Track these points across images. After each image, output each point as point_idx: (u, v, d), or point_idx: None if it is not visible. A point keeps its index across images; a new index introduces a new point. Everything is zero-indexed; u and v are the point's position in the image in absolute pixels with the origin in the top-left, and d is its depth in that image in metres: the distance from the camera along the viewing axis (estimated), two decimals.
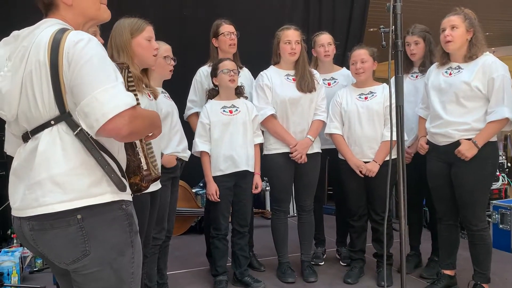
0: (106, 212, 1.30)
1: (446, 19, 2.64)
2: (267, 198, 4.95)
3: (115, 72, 1.25)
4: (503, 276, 3.09)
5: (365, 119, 2.94)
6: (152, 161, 1.60)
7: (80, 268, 1.29)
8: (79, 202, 1.25)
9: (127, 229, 1.34)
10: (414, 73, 3.17)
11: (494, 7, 6.68)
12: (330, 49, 3.30)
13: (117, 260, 1.31)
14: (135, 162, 1.42)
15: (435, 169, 2.77)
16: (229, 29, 3.12)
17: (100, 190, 1.29)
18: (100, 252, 1.28)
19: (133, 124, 1.21)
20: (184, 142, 2.69)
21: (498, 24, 7.73)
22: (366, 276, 3.13)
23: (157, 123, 1.42)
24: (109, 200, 1.30)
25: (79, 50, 1.22)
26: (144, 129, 1.32)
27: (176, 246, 3.66)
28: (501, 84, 2.53)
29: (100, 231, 1.28)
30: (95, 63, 1.22)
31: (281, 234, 3.13)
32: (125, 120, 1.19)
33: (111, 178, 1.30)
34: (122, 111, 1.19)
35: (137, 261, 1.37)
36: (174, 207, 2.73)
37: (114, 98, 1.19)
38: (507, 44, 9.45)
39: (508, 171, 4.61)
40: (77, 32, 1.27)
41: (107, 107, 1.18)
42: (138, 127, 1.25)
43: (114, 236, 1.31)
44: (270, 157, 3.07)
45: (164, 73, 2.58)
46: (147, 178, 1.44)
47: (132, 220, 1.36)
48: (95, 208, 1.27)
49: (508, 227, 3.71)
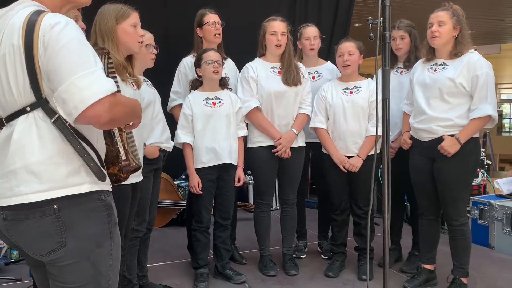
0: (84, 203, 1.25)
1: (434, 14, 2.64)
2: (250, 191, 4.93)
3: (95, 57, 1.20)
4: (480, 271, 3.14)
5: (350, 114, 2.94)
6: (132, 150, 1.56)
7: (55, 259, 1.25)
8: (56, 192, 1.21)
9: (106, 220, 1.30)
10: (399, 68, 3.17)
11: (476, 6, 6.76)
12: (316, 42, 3.28)
13: (95, 252, 1.27)
14: (113, 152, 1.38)
15: (418, 164, 2.78)
16: (214, 18, 3.07)
17: (78, 180, 1.24)
18: (77, 243, 1.24)
19: (113, 111, 1.17)
20: (167, 132, 2.64)
21: (479, 23, 7.84)
22: (347, 270, 3.14)
23: (137, 111, 1.38)
24: (88, 190, 1.25)
25: (56, 33, 1.16)
26: (124, 116, 1.29)
27: (157, 239, 3.62)
28: (485, 81, 2.54)
29: (77, 222, 1.24)
30: (73, 47, 1.17)
31: (263, 227, 3.11)
32: (105, 107, 1.15)
33: (90, 167, 1.25)
34: (102, 97, 1.14)
35: (115, 253, 1.33)
36: (156, 199, 2.69)
37: (94, 84, 1.15)
38: (488, 43, 9.61)
39: (487, 168, 4.69)
40: (53, 14, 1.21)
41: (86, 93, 1.14)
42: (118, 114, 1.21)
43: (92, 227, 1.26)
44: (254, 150, 3.04)
45: (145, 61, 2.53)
46: (126, 168, 1.40)
47: (111, 211, 1.32)
48: (73, 198, 1.23)
49: (486, 222, 3.77)
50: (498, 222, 3.67)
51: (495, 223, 3.69)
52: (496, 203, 3.70)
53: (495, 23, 8.19)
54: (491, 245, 3.72)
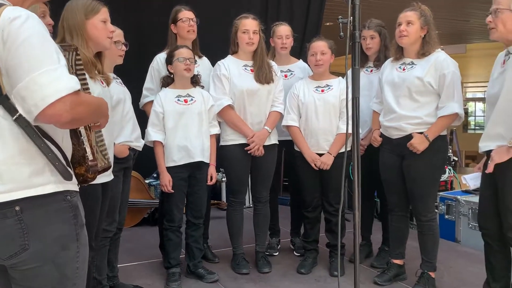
0: (49, 204, 1.21)
1: (403, 14, 2.69)
2: (223, 189, 4.92)
3: (58, 53, 1.16)
4: (448, 265, 3.23)
5: (321, 112, 2.96)
6: (102, 150, 1.52)
7: (18, 263, 1.20)
8: (18, 194, 1.16)
9: (72, 222, 1.26)
10: (369, 67, 3.22)
11: (443, 7, 6.94)
12: (288, 41, 3.29)
13: (60, 254, 1.23)
14: (79, 152, 1.33)
15: (387, 162, 2.83)
16: (188, 15, 3.06)
17: (42, 180, 1.20)
18: (41, 246, 1.20)
19: (75, 110, 1.13)
20: (137, 130, 2.60)
21: (446, 23, 8.05)
22: (319, 266, 3.18)
23: (103, 111, 1.34)
24: (52, 190, 1.21)
25: (16, 28, 1.11)
26: (87, 116, 1.24)
27: (128, 238, 3.57)
28: (451, 80, 2.61)
29: (41, 224, 1.19)
30: (34, 42, 1.12)
31: (236, 225, 3.11)
32: (66, 106, 1.10)
33: (55, 166, 1.21)
34: (63, 95, 1.10)
35: (82, 255, 1.29)
36: (126, 198, 2.65)
37: (55, 81, 1.10)
38: (454, 42, 9.88)
39: (454, 164, 4.82)
40: (14, 8, 1.16)
41: (47, 91, 1.09)
42: (80, 114, 1.17)
43: (57, 229, 1.22)
44: (226, 148, 3.03)
45: (114, 58, 2.49)
46: (93, 168, 1.36)
47: (77, 212, 1.28)
48: (36, 199, 1.19)
49: (453, 217, 3.88)
50: (464, 217, 3.78)
51: (461, 218, 3.80)
52: (462, 198, 3.81)
53: (461, 24, 8.43)
54: (457, 239, 3.83)
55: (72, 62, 1.39)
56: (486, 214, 2.43)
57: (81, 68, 1.46)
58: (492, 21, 2.23)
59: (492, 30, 2.25)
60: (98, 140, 1.55)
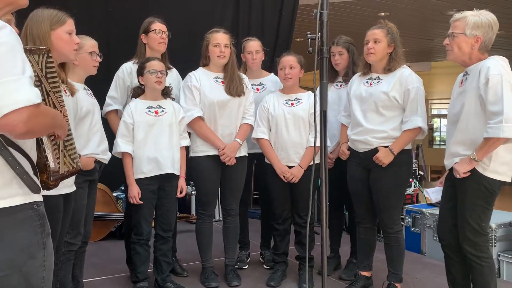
0: (16, 212, 1.19)
1: (370, 31, 2.77)
2: (192, 203, 4.87)
3: (24, 64, 1.14)
4: (413, 276, 3.30)
5: (291, 125, 3.00)
6: (71, 153, 1.50)
7: None
8: None
9: (39, 230, 1.24)
10: (338, 82, 3.29)
11: (409, 27, 7.20)
12: (258, 56, 3.33)
13: (27, 263, 1.20)
14: (41, 160, 1.32)
15: (355, 174, 2.89)
16: (161, 27, 3.06)
17: (10, 192, 1.18)
18: (8, 255, 1.17)
19: (31, 122, 1.12)
20: (105, 143, 2.56)
21: (412, 41, 8.34)
22: (289, 279, 3.18)
23: (59, 122, 1.33)
24: (20, 202, 1.19)
25: None
26: (43, 128, 1.23)
27: (94, 252, 3.48)
28: (415, 95, 2.70)
29: (8, 233, 1.17)
30: (1, 52, 1.11)
31: (205, 238, 3.09)
32: (22, 117, 1.09)
33: (23, 180, 1.19)
34: (20, 107, 1.09)
35: (48, 264, 1.27)
36: (91, 211, 2.59)
37: (14, 92, 1.09)
38: (419, 60, 10.22)
39: (420, 178, 4.95)
40: None
41: (4, 101, 1.08)
42: (36, 126, 1.16)
43: (24, 238, 1.20)
44: (196, 159, 3.02)
45: (88, 69, 2.48)
46: (55, 176, 1.35)
47: (44, 220, 1.26)
48: (3, 209, 1.17)
49: (418, 230, 3.98)
50: (429, 230, 3.88)
51: (426, 230, 3.90)
52: (427, 211, 3.91)
53: (426, 43, 8.75)
54: (423, 251, 3.92)
55: (42, 65, 1.37)
56: (445, 226, 2.51)
57: (53, 71, 1.43)
58: (448, 43, 2.36)
59: (448, 51, 2.40)
60: (67, 144, 1.53)
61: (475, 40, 2.29)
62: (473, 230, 2.33)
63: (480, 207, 2.33)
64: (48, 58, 1.40)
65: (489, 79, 2.20)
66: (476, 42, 2.29)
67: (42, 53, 1.39)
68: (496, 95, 2.18)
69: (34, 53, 1.34)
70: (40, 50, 1.40)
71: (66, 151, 1.46)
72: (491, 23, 2.29)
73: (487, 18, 2.29)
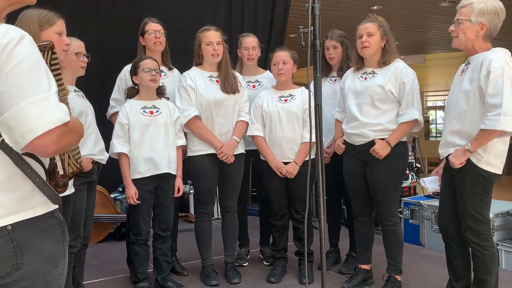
0: (40, 222, 1.17)
1: (363, 25, 2.77)
2: (191, 202, 4.87)
3: (48, 78, 1.11)
4: (413, 268, 3.31)
5: (285, 121, 3.00)
6: (74, 153, 1.48)
7: (9, 284, 1.14)
8: (9, 219, 1.12)
9: (60, 239, 1.23)
10: (333, 77, 3.29)
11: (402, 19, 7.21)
12: (254, 53, 3.33)
13: (52, 272, 1.19)
14: (51, 166, 1.29)
15: (351, 168, 2.89)
16: (154, 27, 3.07)
17: (32, 203, 1.16)
18: (34, 264, 1.15)
19: (62, 141, 1.10)
20: (101, 143, 2.55)
21: (406, 34, 8.35)
22: (289, 274, 3.19)
23: (82, 132, 1.30)
24: (43, 212, 1.18)
25: (7, 52, 1.05)
26: (71, 144, 1.22)
27: (93, 254, 3.48)
28: (411, 88, 2.71)
29: (34, 242, 1.15)
30: (26, 68, 1.06)
31: (205, 237, 3.09)
32: (53, 138, 1.07)
33: (44, 192, 1.17)
34: (51, 128, 1.06)
35: (65, 272, 1.27)
36: (91, 213, 2.59)
37: (45, 112, 1.06)
38: (413, 53, 10.24)
39: (417, 170, 4.97)
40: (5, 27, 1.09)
41: (36, 123, 1.05)
42: (66, 144, 1.14)
43: (49, 247, 1.19)
44: (194, 158, 3.02)
45: (75, 70, 2.44)
46: (63, 181, 1.33)
47: (64, 228, 1.25)
48: (28, 220, 1.15)
49: (417, 222, 3.99)
50: (427, 221, 3.89)
51: (424, 222, 3.91)
52: (425, 203, 3.93)
53: (419, 35, 8.76)
54: (421, 243, 3.93)
55: (48, 63, 1.32)
56: (445, 215, 2.52)
57: (57, 68, 1.38)
58: (454, 30, 2.36)
59: (454, 38, 2.40)
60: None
61: (480, 27, 2.28)
62: (474, 219, 2.34)
63: (478, 195, 2.34)
64: (52, 54, 1.34)
65: (490, 72, 2.20)
66: (481, 29, 2.29)
67: (47, 49, 1.32)
68: (496, 88, 2.19)
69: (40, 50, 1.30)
70: (44, 46, 1.32)
71: (70, 152, 1.44)
72: (498, 10, 2.28)
73: (493, 5, 2.28)
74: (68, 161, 1.43)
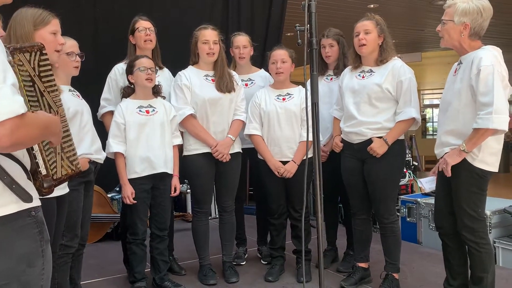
0: (13, 220, 1.16)
1: (360, 23, 2.77)
2: (188, 201, 4.87)
3: (5, 71, 1.08)
4: (410, 265, 3.32)
5: (283, 120, 3.00)
6: (69, 155, 1.47)
7: None
8: None
9: (38, 238, 1.22)
10: (329, 75, 3.29)
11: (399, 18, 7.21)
12: (245, 51, 3.32)
13: (26, 272, 1.18)
14: (33, 166, 1.27)
15: (349, 166, 2.89)
16: (144, 24, 3.04)
17: (3, 201, 1.15)
18: (7, 264, 1.15)
19: (16, 134, 1.05)
20: (97, 143, 2.54)
21: (402, 32, 8.35)
22: (287, 273, 3.19)
23: (53, 130, 1.25)
24: (15, 210, 1.16)
25: None
26: (31, 139, 1.16)
27: (91, 254, 3.46)
28: (408, 86, 2.71)
29: (6, 242, 1.14)
30: None
31: (202, 236, 3.08)
32: (5, 130, 1.03)
33: (12, 190, 1.16)
34: (3, 119, 1.02)
35: (47, 272, 1.25)
36: (88, 213, 2.58)
37: None
38: (410, 51, 10.24)
39: (414, 168, 4.97)
40: None
41: None
42: (22, 138, 1.08)
43: (23, 246, 1.18)
44: (190, 158, 3.01)
45: (68, 70, 2.40)
46: (48, 182, 1.31)
47: (43, 227, 1.24)
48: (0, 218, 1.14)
49: (414, 219, 3.99)
50: (424, 219, 3.90)
51: (422, 220, 3.92)
52: (422, 201, 3.93)
53: (416, 33, 8.76)
54: (419, 241, 3.94)
55: (34, 64, 1.30)
56: (441, 214, 2.53)
57: (48, 69, 1.36)
58: (440, 30, 2.38)
59: (441, 38, 2.42)
60: (65, 146, 1.47)
61: (463, 27, 2.29)
62: (470, 217, 2.34)
63: (474, 193, 2.34)
64: (41, 56, 1.33)
65: (480, 70, 2.20)
66: (465, 29, 2.29)
67: (35, 50, 1.31)
68: (486, 86, 2.19)
69: (25, 52, 1.27)
70: (32, 47, 1.31)
71: (63, 154, 1.42)
72: (480, 9, 2.28)
73: (476, 4, 2.28)
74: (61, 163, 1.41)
